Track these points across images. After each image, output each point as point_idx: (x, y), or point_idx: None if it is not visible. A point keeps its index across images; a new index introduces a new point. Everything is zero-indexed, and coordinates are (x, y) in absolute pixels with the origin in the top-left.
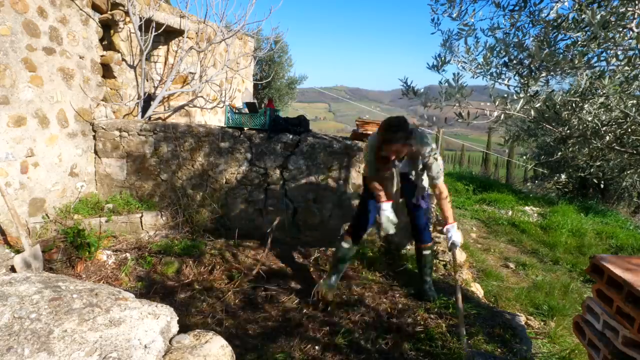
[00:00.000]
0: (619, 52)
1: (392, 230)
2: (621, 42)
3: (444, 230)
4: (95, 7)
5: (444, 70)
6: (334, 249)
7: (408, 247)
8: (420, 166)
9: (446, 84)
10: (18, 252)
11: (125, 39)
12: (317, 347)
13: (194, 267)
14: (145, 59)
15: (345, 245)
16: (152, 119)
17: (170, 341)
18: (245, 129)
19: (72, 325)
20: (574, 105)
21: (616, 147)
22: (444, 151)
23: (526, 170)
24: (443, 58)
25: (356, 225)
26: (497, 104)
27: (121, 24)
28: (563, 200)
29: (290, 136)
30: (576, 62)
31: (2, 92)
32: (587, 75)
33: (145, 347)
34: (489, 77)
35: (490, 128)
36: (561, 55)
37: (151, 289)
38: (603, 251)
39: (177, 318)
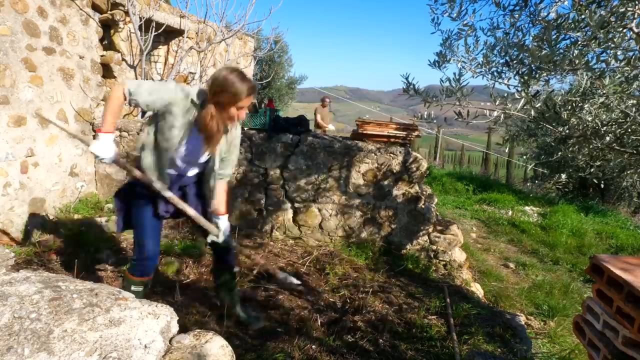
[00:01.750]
0: (619, 53)
1: (103, 157)
2: (620, 43)
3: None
4: (95, 7)
5: (445, 67)
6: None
7: (408, 247)
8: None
9: (447, 82)
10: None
11: (125, 38)
12: (316, 347)
13: (194, 267)
14: (145, 59)
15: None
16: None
17: (170, 341)
18: (245, 128)
19: (72, 325)
20: (574, 105)
21: (616, 147)
22: (444, 151)
23: (526, 170)
24: (444, 55)
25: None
26: (497, 103)
27: (121, 24)
28: (563, 200)
29: (290, 136)
30: (576, 62)
31: (2, 92)
32: (587, 75)
33: (145, 347)
34: (489, 76)
35: (490, 128)
36: (561, 56)
37: (151, 289)
38: (603, 251)
39: (177, 318)
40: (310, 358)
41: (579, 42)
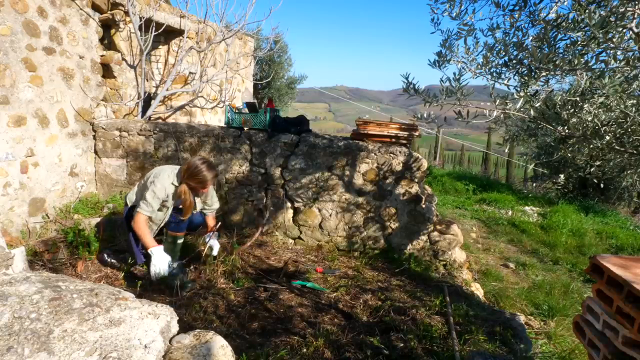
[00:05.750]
0: (618, 53)
1: (164, 272)
2: (619, 43)
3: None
4: (95, 7)
5: (445, 67)
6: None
7: (408, 247)
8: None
9: (447, 82)
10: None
11: (125, 38)
12: (317, 345)
13: (195, 266)
14: (145, 59)
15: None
16: (152, 118)
17: (170, 341)
18: (246, 128)
19: (72, 325)
20: (574, 105)
21: (616, 147)
22: (444, 151)
23: (526, 170)
24: (444, 55)
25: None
26: (497, 103)
27: (121, 24)
28: (563, 200)
29: (291, 136)
30: (575, 62)
31: (2, 92)
32: (586, 75)
33: (145, 347)
34: (489, 76)
35: (490, 128)
36: (560, 56)
37: (151, 289)
38: (603, 251)
39: (177, 318)
40: (314, 355)
41: (579, 42)
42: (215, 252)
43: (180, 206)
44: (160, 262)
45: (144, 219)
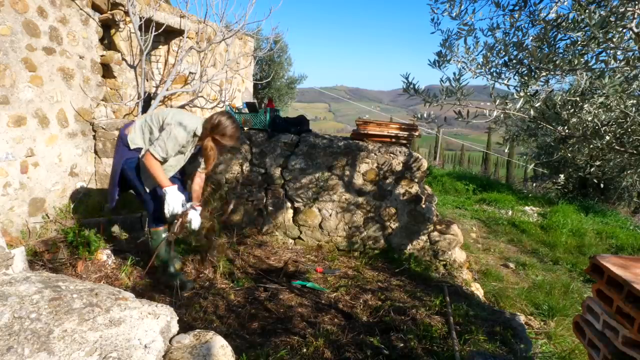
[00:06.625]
0: (618, 53)
1: (178, 211)
2: (619, 43)
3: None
4: (95, 7)
5: (445, 67)
6: (152, 243)
7: (408, 247)
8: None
9: (447, 82)
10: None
11: (125, 38)
12: (317, 345)
13: (194, 266)
14: (145, 59)
15: (161, 231)
16: None
17: (170, 341)
18: (246, 128)
19: (72, 325)
20: (574, 105)
21: (616, 147)
22: (444, 151)
23: (526, 170)
24: (444, 55)
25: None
26: (497, 103)
27: (121, 24)
28: (563, 200)
29: (291, 136)
30: (575, 62)
31: (2, 92)
32: (586, 75)
33: (145, 347)
34: (489, 76)
35: (490, 128)
36: (561, 56)
37: (151, 289)
38: (603, 251)
39: (177, 318)
40: (314, 355)
41: (579, 42)
42: (195, 226)
43: (202, 163)
44: (174, 200)
45: (155, 160)
